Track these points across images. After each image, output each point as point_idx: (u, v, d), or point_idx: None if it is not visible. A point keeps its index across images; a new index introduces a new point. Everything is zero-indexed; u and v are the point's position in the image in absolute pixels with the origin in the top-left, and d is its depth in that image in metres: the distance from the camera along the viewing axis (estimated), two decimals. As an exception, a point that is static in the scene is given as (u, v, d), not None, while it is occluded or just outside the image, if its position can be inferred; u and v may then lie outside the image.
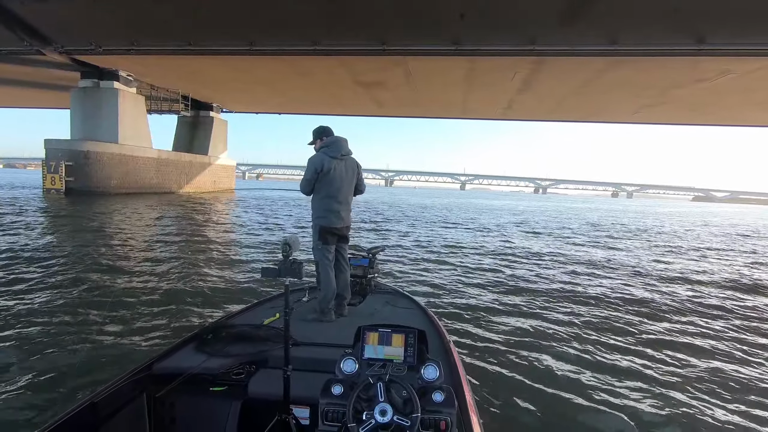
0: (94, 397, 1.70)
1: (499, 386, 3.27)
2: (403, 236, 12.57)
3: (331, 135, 3.22)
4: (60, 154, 22.71)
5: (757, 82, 17.54)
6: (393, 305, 3.20)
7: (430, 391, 1.54)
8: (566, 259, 9.38)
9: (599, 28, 13.36)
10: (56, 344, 3.74)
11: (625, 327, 4.91)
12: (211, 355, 2.11)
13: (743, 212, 57.74)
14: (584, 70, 17.93)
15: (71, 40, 18.09)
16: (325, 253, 3.14)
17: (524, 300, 5.72)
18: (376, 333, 1.73)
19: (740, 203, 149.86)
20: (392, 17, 14.04)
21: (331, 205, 3.13)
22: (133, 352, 3.64)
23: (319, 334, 2.52)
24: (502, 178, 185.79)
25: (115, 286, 5.77)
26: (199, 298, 5.27)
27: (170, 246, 9.10)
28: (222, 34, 16.29)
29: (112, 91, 23.93)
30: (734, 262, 10.56)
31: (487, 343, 4.13)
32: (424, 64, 18.40)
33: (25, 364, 3.35)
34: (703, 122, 30.24)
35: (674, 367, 3.85)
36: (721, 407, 3.16)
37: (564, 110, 26.71)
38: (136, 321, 4.40)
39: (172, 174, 29.58)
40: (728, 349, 4.36)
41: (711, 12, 12.01)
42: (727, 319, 5.47)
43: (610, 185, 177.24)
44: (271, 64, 19.79)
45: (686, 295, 6.69)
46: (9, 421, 2.63)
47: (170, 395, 1.95)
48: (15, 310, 4.60)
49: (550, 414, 2.98)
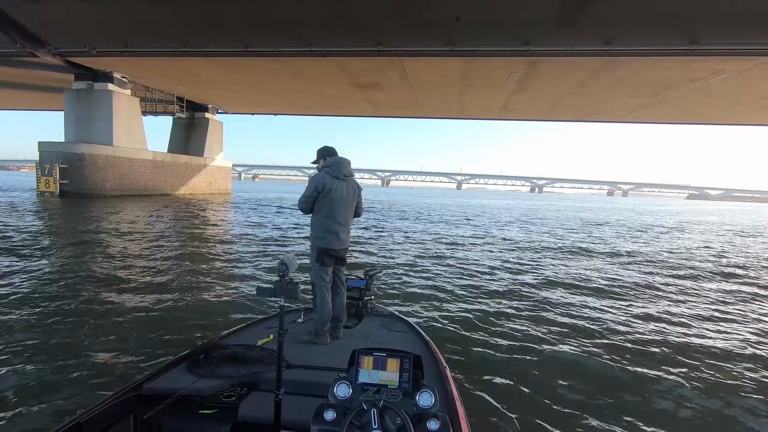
0: (79, 417, 1.67)
1: (496, 415, 3.17)
2: (400, 247, 12.44)
3: (335, 155, 3.22)
4: (54, 156, 22.55)
5: (749, 82, 17.70)
6: (389, 328, 3.17)
7: (425, 419, 1.50)
8: (572, 276, 8.47)
9: (593, 29, 13.44)
10: (41, 361, 3.62)
11: (638, 353, 4.54)
12: (202, 376, 2.07)
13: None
14: (579, 71, 18.01)
15: (65, 41, 17.97)
16: (322, 275, 3.10)
17: (526, 326, 5.30)
18: (370, 357, 1.70)
19: (734, 201, 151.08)
20: (388, 18, 14.05)
21: (330, 225, 3.10)
22: (121, 371, 3.53)
23: (313, 357, 2.49)
24: (498, 178, 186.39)
25: (104, 299, 5.58)
26: (191, 315, 5.07)
27: (164, 255, 8.89)
28: (217, 36, 16.24)
29: (107, 93, 23.79)
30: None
31: (485, 370, 3.96)
32: (420, 65, 18.42)
33: (7, 381, 3.23)
34: (697, 121, 30.44)
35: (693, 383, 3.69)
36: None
37: (559, 110, 26.82)
38: (125, 338, 4.23)
39: (167, 176, 29.46)
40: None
41: (704, 13, 12.10)
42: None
43: (606, 184, 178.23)
44: (266, 66, 19.75)
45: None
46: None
47: (158, 417, 1.90)
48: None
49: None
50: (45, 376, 3.36)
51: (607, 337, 4.98)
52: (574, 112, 27.38)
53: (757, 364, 4.20)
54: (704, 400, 3.41)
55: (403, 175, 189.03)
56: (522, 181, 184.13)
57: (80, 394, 3.10)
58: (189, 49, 17.19)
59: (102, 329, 4.45)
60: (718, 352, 4.49)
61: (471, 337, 4.74)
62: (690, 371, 3.97)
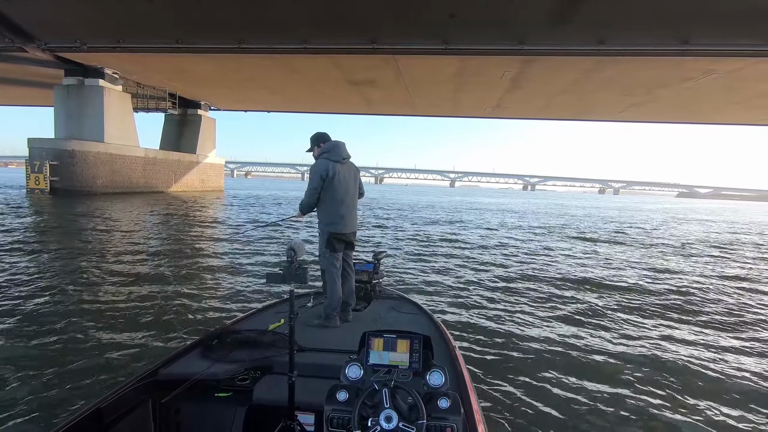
0: (99, 402, 1.70)
1: (506, 394, 3.20)
2: (405, 235, 12.55)
3: (329, 140, 3.17)
4: (44, 153, 22.27)
5: (739, 82, 17.95)
6: (398, 311, 3.20)
7: (436, 398, 1.52)
8: (578, 262, 8.97)
9: (587, 28, 13.53)
10: (62, 350, 3.72)
11: (642, 333, 4.69)
12: (216, 361, 2.11)
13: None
14: (572, 70, 18.14)
15: (55, 37, 17.69)
16: (332, 261, 3.09)
17: (533, 307, 5.50)
18: (380, 339, 1.72)
19: (723, 199, 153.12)
20: (383, 16, 14.03)
21: (338, 210, 3.06)
22: (139, 357, 3.63)
23: (324, 340, 2.53)
24: (491, 175, 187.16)
25: (119, 290, 5.72)
26: (203, 304, 5.23)
27: (173, 249, 9.01)
28: (210, 32, 16.09)
29: (97, 89, 23.49)
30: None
31: (494, 350, 4.03)
32: (414, 63, 18.41)
33: (30, 370, 3.33)
34: (688, 120, 30.80)
35: (698, 376, 3.72)
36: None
37: (553, 109, 26.99)
38: (141, 327, 4.38)
39: (159, 173, 29.20)
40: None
41: (695, 14, 12.25)
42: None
43: (597, 182, 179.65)
44: (260, 63, 19.62)
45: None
46: (13, 427, 2.62)
47: (175, 401, 1.95)
48: (15, 314, 4.57)
49: (560, 425, 2.90)
50: (64, 366, 3.43)
51: (615, 321, 5.12)
52: (567, 110, 27.57)
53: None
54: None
55: (396, 173, 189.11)
56: (515, 179, 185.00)
57: (99, 380, 3.18)
58: (182, 46, 17.01)
59: (118, 320, 4.55)
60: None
61: (480, 321, 4.84)
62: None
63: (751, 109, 23.13)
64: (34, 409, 2.79)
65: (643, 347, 4.35)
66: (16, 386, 3.07)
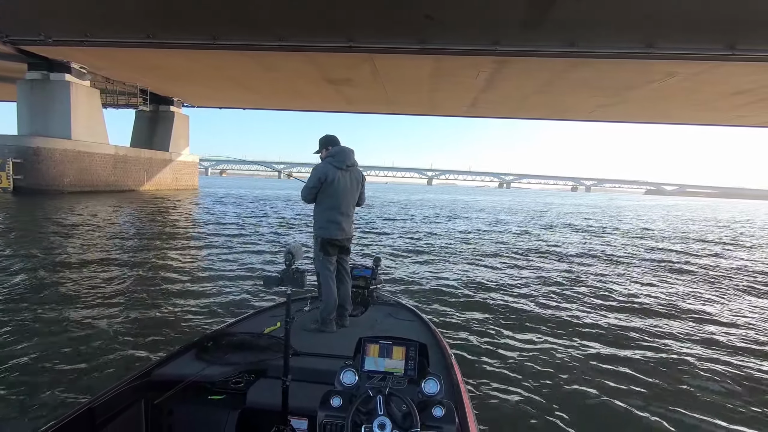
0: (91, 402, 1.69)
1: (501, 404, 3.19)
2: (399, 238, 12.56)
3: (337, 144, 3.18)
4: (6, 150, 21.34)
5: (700, 84, 18.84)
6: (394, 317, 3.19)
7: (430, 406, 1.51)
8: (577, 269, 8.73)
9: (558, 31, 13.97)
10: (55, 349, 3.70)
11: (641, 341, 4.64)
12: (211, 363, 2.10)
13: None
14: (546, 71, 18.61)
15: (18, 29, 17.00)
16: (326, 264, 3.12)
17: (530, 316, 5.41)
18: (376, 345, 1.72)
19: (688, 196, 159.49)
20: (360, 15, 14.06)
21: (333, 216, 3.09)
22: (132, 358, 3.59)
23: (320, 345, 2.52)
24: (467, 174, 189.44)
25: (115, 290, 5.66)
26: (199, 305, 5.17)
27: (165, 250, 8.89)
28: (184, 27, 15.76)
29: (64, 84, 22.63)
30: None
31: (490, 359, 4.00)
32: (391, 62, 18.51)
33: (21, 368, 3.29)
34: (654, 120, 32.01)
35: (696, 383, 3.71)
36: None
37: (526, 109, 27.59)
38: (135, 328, 4.33)
39: (130, 171, 28.38)
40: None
41: (659, 20, 12.82)
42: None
43: (570, 180, 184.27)
44: (235, 59, 19.30)
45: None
46: (2, 427, 2.59)
47: (168, 402, 1.93)
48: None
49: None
50: (57, 364, 3.40)
51: (608, 318, 5.19)
52: (541, 110, 28.25)
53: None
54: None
55: (374, 171, 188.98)
56: (491, 177, 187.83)
57: (92, 380, 3.17)
58: (153, 41, 16.62)
59: (114, 320, 4.53)
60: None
61: (477, 330, 4.81)
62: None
63: (712, 110, 24.26)
64: (24, 410, 2.76)
65: (645, 355, 4.33)
66: (4, 387, 3.03)
